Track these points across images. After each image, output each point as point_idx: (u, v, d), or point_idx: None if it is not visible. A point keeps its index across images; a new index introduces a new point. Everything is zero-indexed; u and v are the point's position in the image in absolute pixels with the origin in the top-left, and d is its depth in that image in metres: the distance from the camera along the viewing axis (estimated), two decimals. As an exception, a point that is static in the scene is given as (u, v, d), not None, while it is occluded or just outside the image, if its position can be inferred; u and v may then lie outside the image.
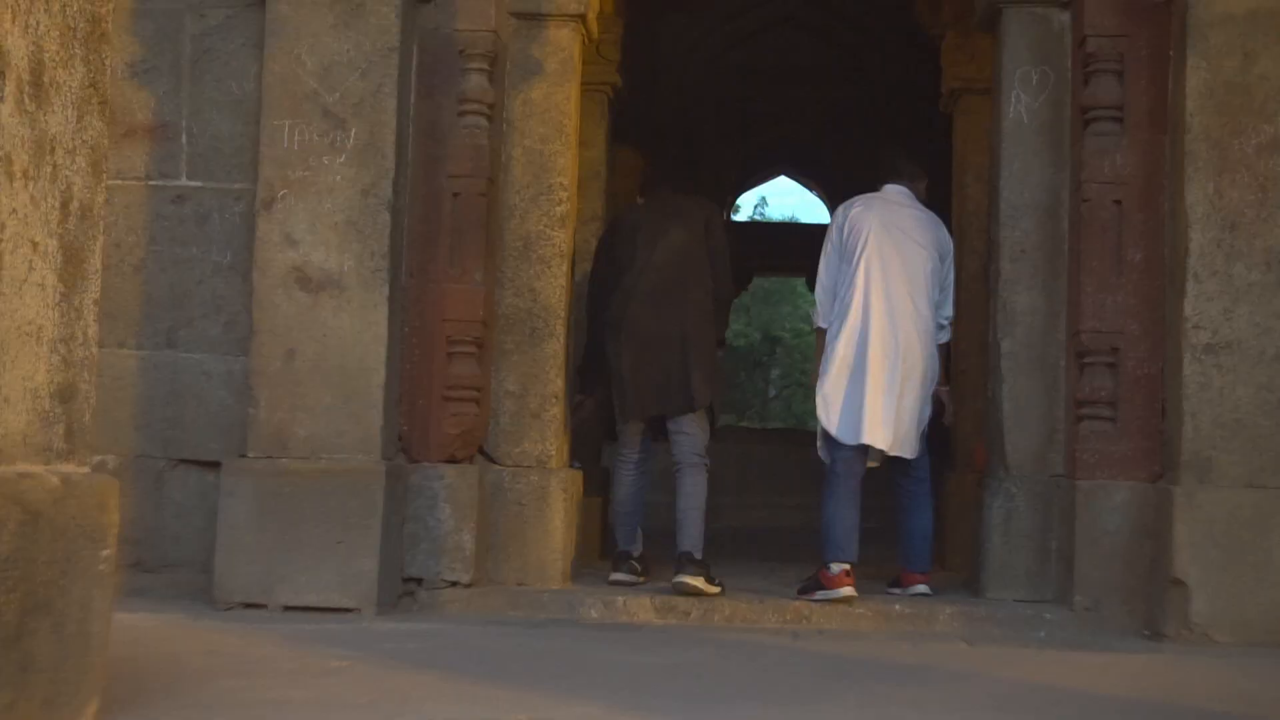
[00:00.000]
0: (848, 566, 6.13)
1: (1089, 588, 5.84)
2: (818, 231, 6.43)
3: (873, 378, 6.25)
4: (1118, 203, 5.95)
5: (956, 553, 7.34)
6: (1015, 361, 6.21)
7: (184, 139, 6.19)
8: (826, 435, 6.41)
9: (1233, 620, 5.45)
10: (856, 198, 6.68)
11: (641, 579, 6.46)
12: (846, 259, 6.45)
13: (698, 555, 6.28)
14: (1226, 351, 5.60)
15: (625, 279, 6.56)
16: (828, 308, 6.52)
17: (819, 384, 6.41)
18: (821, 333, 6.59)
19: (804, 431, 14.69)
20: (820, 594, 6.10)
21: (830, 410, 6.33)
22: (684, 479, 6.46)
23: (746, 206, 33.38)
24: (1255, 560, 5.47)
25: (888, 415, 6.26)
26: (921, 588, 6.33)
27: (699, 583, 6.11)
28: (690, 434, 6.48)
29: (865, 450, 6.34)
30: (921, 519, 6.54)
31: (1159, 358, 5.87)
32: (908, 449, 6.36)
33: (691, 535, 6.35)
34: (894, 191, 6.63)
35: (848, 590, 6.06)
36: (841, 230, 6.54)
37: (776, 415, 33.40)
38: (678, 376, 6.41)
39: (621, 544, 6.59)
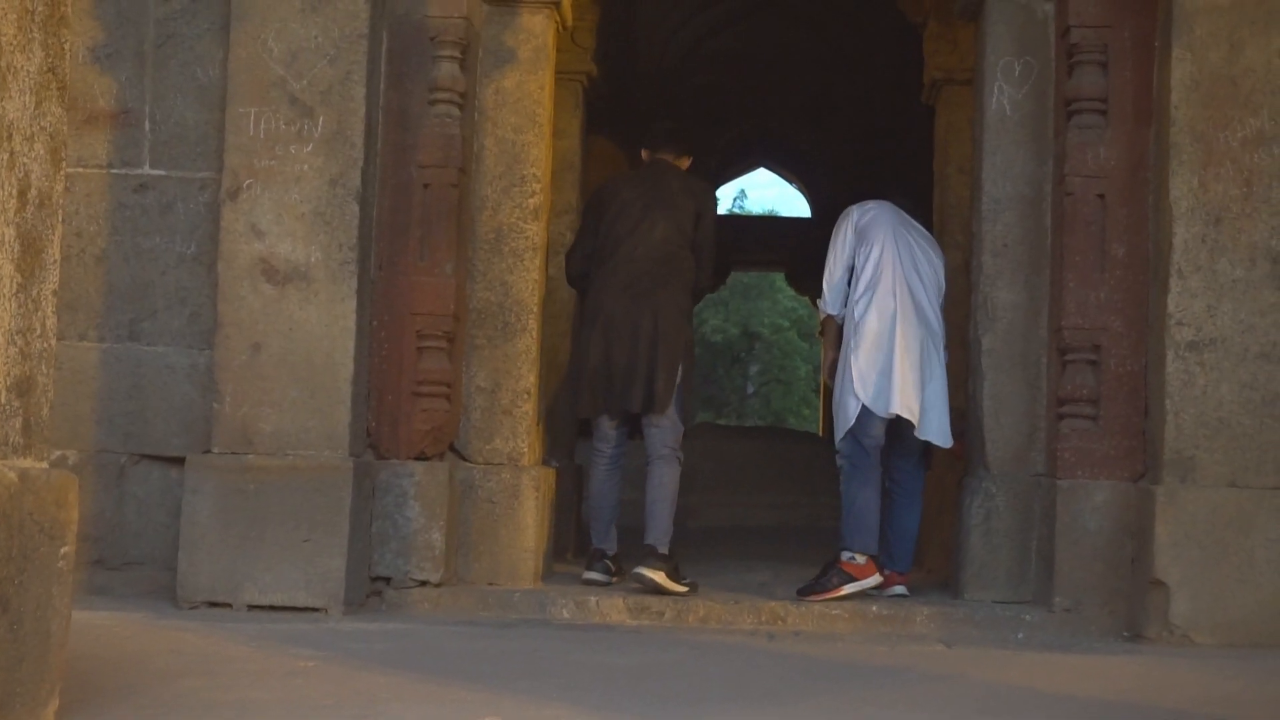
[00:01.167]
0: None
1: (1069, 588, 5.86)
2: (798, 225, 6.49)
3: (902, 352, 6.29)
4: (1101, 196, 5.97)
5: (935, 553, 7.36)
6: (996, 358, 6.23)
7: (147, 126, 6.17)
8: (853, 420, 6.39)
9: (1214, 622, 5.49)
10: (868, 202, 6.67)
11: (615, 578, 6.45)
12: (865, 249, 6.45)
13: (661, 549, 6.28)
14: (1210, 349, 5.63)
15: (604, 268, 6.57)
16: (839, 296, 6.56)
17: (852, 359, 6.38)
18: (830, 320, 6.66)
19: (782, 429, 14.71)
20: (851, 586, 6.14)
21: (866, 382, 6.32)
22: (654, 471, 6.50)
23: (725, 199, 33.46)
24: (1237, 561, 5.51)
25: (915, 390, 6.29)
26: (900, 589, 6.35)
27: (658, 576, 6.13)
28: (661, 427, 6.49)
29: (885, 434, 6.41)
30: (910, 519, 6.55)
31: (1142, 355, 5.90)
32: (933, 433, 6.41)
33: (657, 528, 6.37)
34: (895, 208, 6.67)
35: (879, 578, 6.20)
36: (856, 225, 6.53)
37: (755, 412, 33.48)
38: (644, 375, 6.41)
39: (595, 541, 6.58)
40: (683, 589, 6.17)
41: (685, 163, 6.94)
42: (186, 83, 6.17)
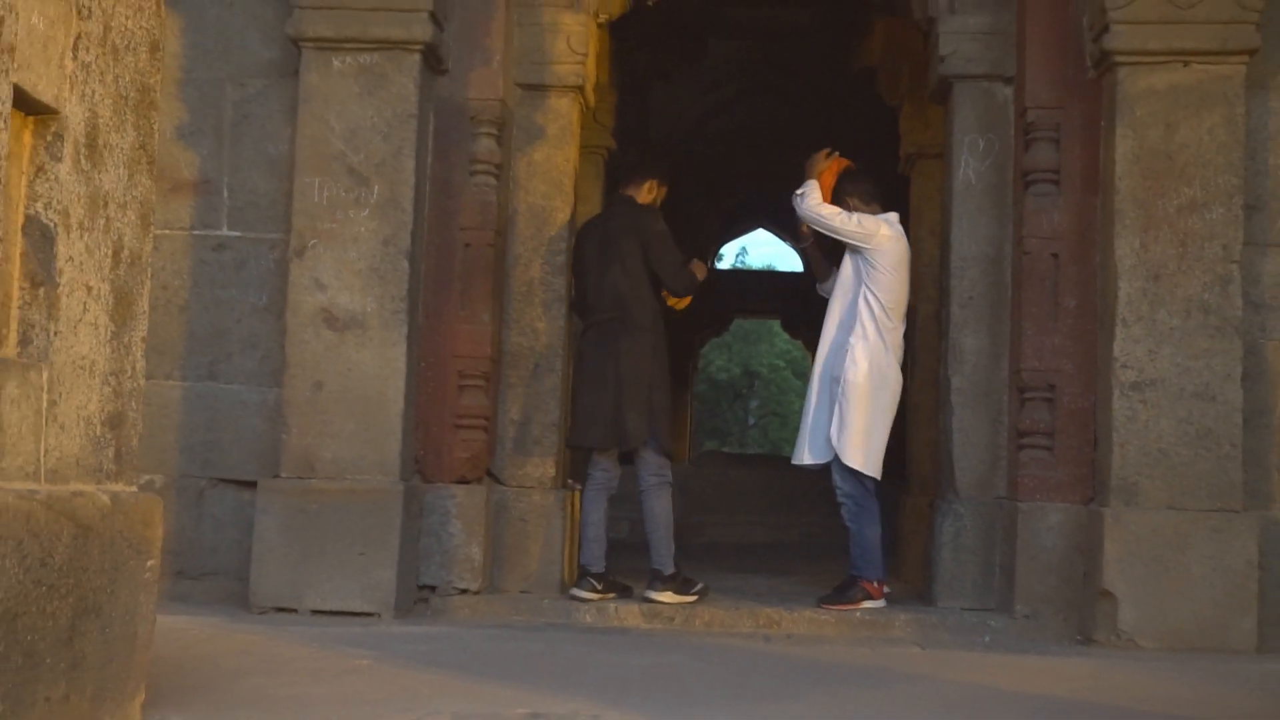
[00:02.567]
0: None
1: (1028, 598, 5.84)
2: (792, 279, 6.53)
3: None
4: (1055, 255, 5.97)
5: (911, 567, 7.33)
6: (963, 396, 6.21)
7: (225, 194, 6.21)
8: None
9: (1156, 628, 5.46)
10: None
11: (599, 596, 6.17)
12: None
13: (665, 571, 6.19)
14: (1151, 388, 5.61)
15: (582, 315, 6.52)
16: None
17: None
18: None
19: (779, 458, 14.70)
20: (869, 603, 6.11)
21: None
22: (645, 502, 6.29)
23: (729, 255, 33.48)
24: (1176, 575, 5.48)
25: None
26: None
27: (664, 596, 6.10)
28: (644, 459, 6.30)
29: None
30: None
31: (1091, 394, 5.88)
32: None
33: (658, 553, 6.23)
34: None
35: (885, 601, 6.21)
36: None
37: (755, 442, 33.40)
38: (611, 417, 6.20)
39: (582, 560, 6.36)
40: (690, 598, 6.12)
41: (647, 186, 6.53)
42: (259, 156, 6.21)
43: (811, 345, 6.93)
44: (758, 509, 11.92)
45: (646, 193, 6.51)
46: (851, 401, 6.17)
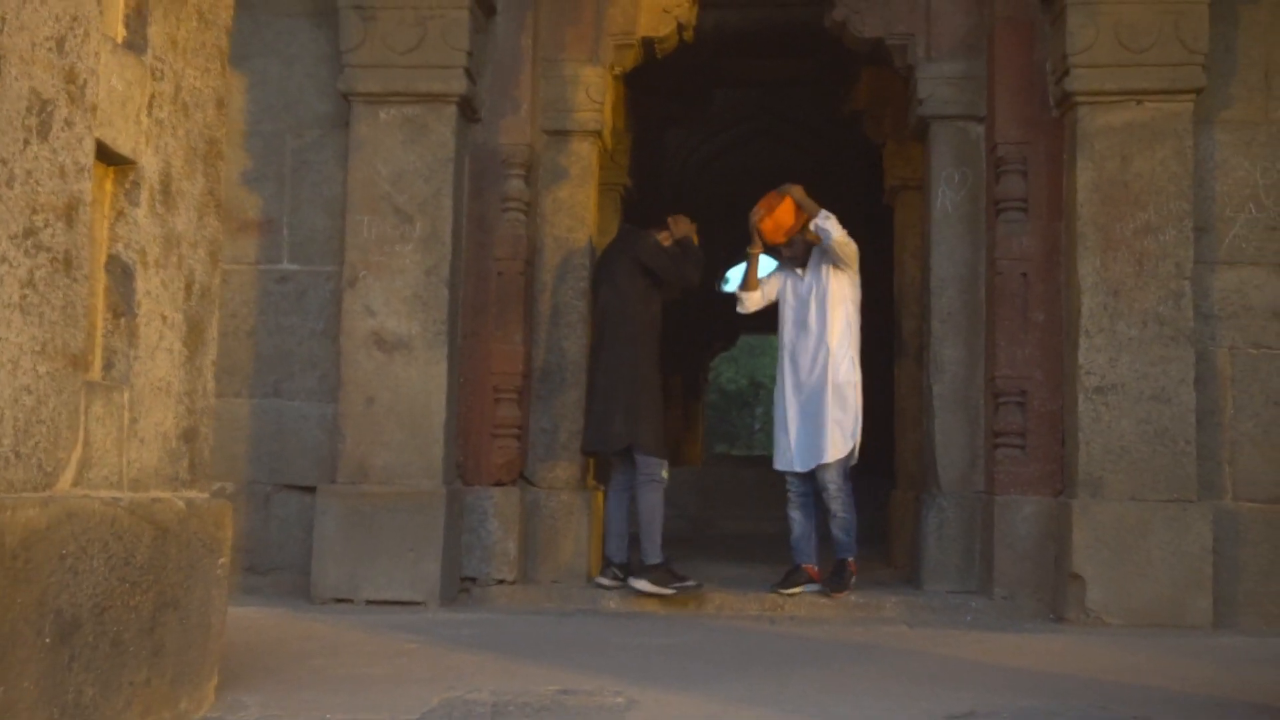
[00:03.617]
0: None
1: (1005, 582, 5.81)
2: None
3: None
4: (1024, 275, 5.96)
5: (900, 554, 7.31)
6: (944, 402, 6.20)
7: (285, 232, 6.23)
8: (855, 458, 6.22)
9: (1121, 607, 5.43)
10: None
11: (621, 583, 6.07)
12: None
13: (648, 560, 5.95)
14: (1113, 392, 5.59)
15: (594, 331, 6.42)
16: None
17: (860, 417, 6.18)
18: None
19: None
20: (852, 581, 6.05)
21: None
22: (638, 498, 6.10)
23: (735, 279, 33.46)
24: (1137, 559, 5.45)
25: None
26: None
27: (641, 584, 5.88)
28: (637, 460, 6.08)
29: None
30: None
31: (1059, 398, 5.86)
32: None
33: (644, 546, 6.00)
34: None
35: None
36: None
37: (761, 445, 33.32)
38: (601, 421, 6.07)
39: (606, 552, 6.26)
40: (668, 591, 5.87)
41: (661, 236, 6.31)
42: (315, 198, 6.23)
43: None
44: (763, 505, 11.89)
45: (662, 240, 6.29)
46: (851, 404, 6.09)
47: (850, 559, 6.09)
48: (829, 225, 6.11)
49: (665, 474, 6.07)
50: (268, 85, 6.29)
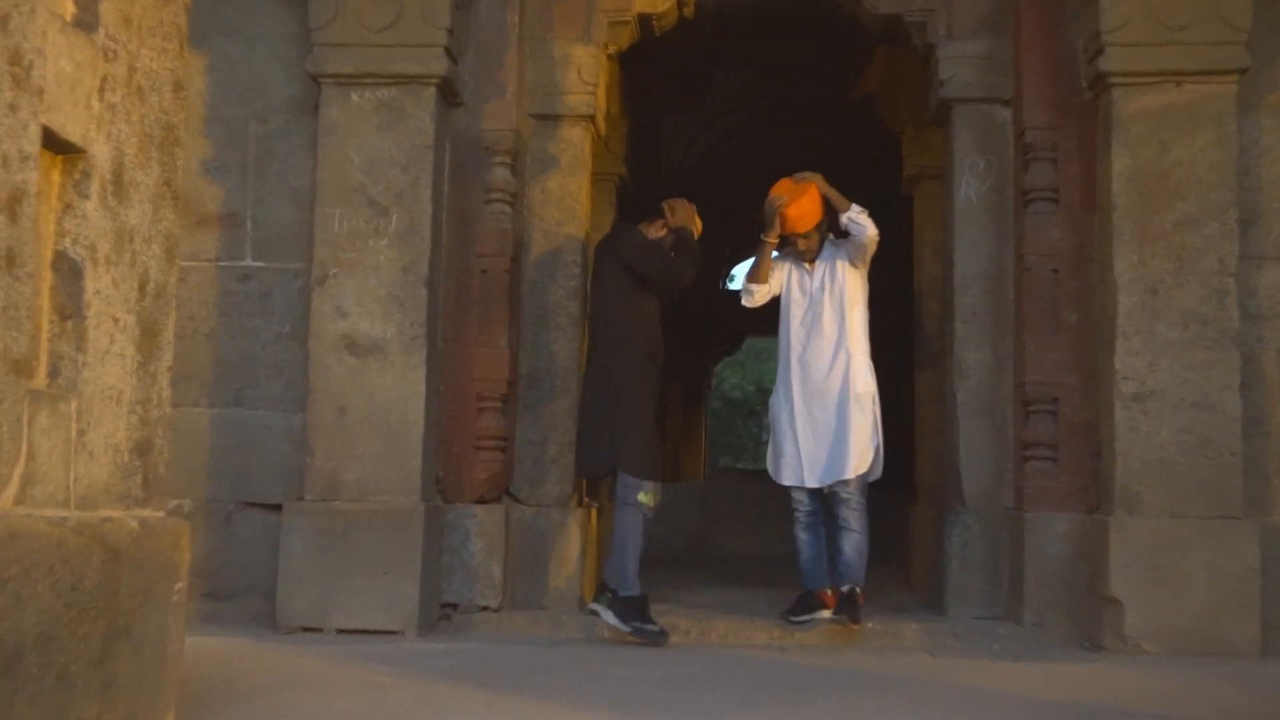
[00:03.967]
0: None
1: (1036, 605, 5.81)
2: None
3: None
4: (1054, 271, 5.96)
5: (920, 576, 7.30)
6: (968, 410, 6.19)
7: (249, 225, 6.22)
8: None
9: (1160, 632, 5.42)
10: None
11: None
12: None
13: (618, 590, 5.81)
14: (1151, 399, 5.59)
15: None
16: None
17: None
18: None
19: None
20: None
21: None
22: (615, 519, 6.04)
23: (740, 277, 33.45)
24: (1178, 580, 5.44)
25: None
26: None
27: (604, 613, 5.76)
28: (620, 480, 5.96)
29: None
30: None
31: (1093, 406, 5.86)
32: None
33: (618, 574, 5.82)
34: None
35: None
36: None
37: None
38: (595, 439, 5.98)
39: (604, 576, 6.08)
40: (625, 629, 5.70)
41: (656, 225, 6.18)
42: (281, 189, 6.22)
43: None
44: (771, 522, 11.86)
45: (656, 230, 6.18)
46: (870, 414, 6.02)
47: (859, 586, 6.00)
48: (864, 220, 6.03)
49: (647, 497, 5.83)
50: (230, 66, 6.29)
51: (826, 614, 5.94)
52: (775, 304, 6.42)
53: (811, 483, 6.07)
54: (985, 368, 6.19)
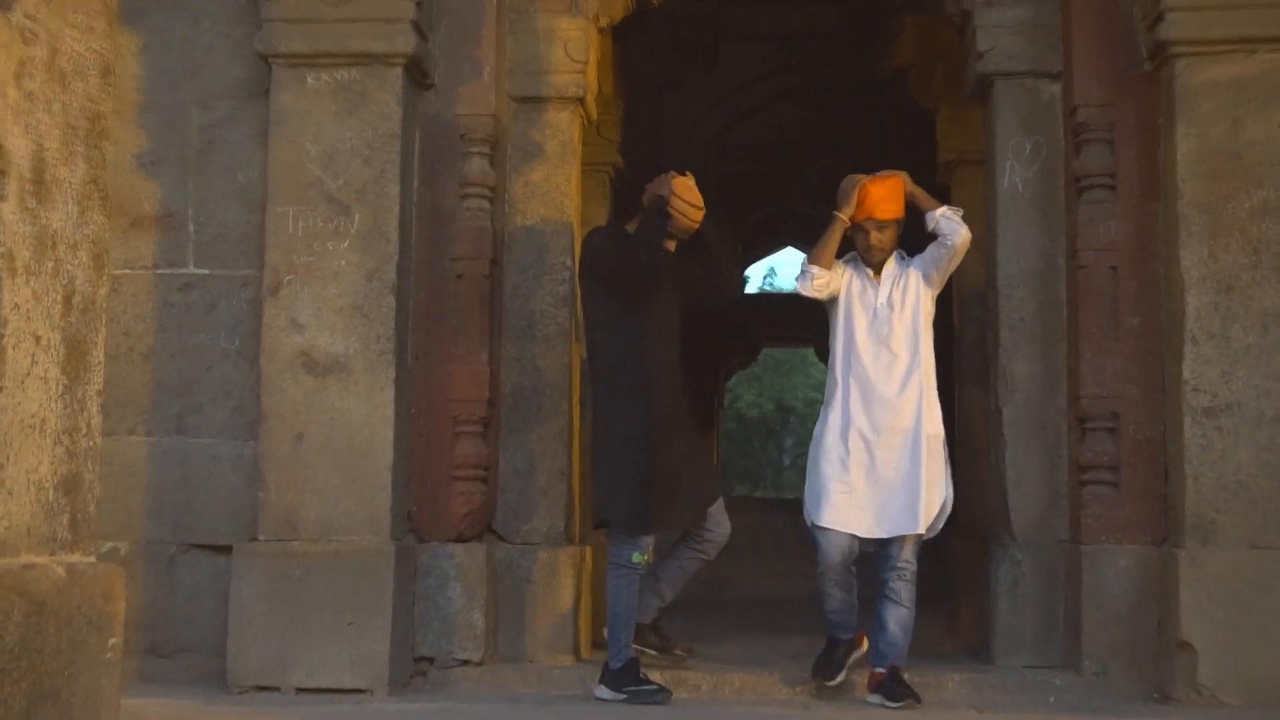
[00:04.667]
0: None
1: (1096, 652, 5.80)
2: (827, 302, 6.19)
3: None
4: (1113, 269, 5.96)
5: (964, 620, 7.30)
6: (1016, 428, 6.19)
7: (191, 227, 6.24)
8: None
9: (1241, 681, 5.42)
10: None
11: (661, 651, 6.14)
12: None
13: (611, 664, 5.79)
14: (1226, 414, 5.59)
15: None
16: None
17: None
18: None
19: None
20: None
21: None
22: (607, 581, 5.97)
23: (755, 278, 33.54)
24: (1261, 621, 5.44)
25: None
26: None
27: (601, 690, 5.74)
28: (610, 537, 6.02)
29: None
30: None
31: (1159, 421, 5.86)
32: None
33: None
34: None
35: None
36: None
37: (790, 485, 33.30)
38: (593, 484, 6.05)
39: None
40: (621, 696, 5.69)
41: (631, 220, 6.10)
42: (228, 185, 6.24)
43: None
44: (793, 560, 11.85)
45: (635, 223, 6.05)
46: (942, 461, 5.80)
47: (902, 668, 5.80)
48: (958, 223, 5.85)
49: (641, 556, 5.80)
50: (168, 47, 6.31)
51: (859, 653, 5.88)
52: (801, 316, 6.36)
53: (868, 532, 5.77)
54: (1035, 380, 6.19)
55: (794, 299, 6.46)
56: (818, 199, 14.17)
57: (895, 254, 5.99)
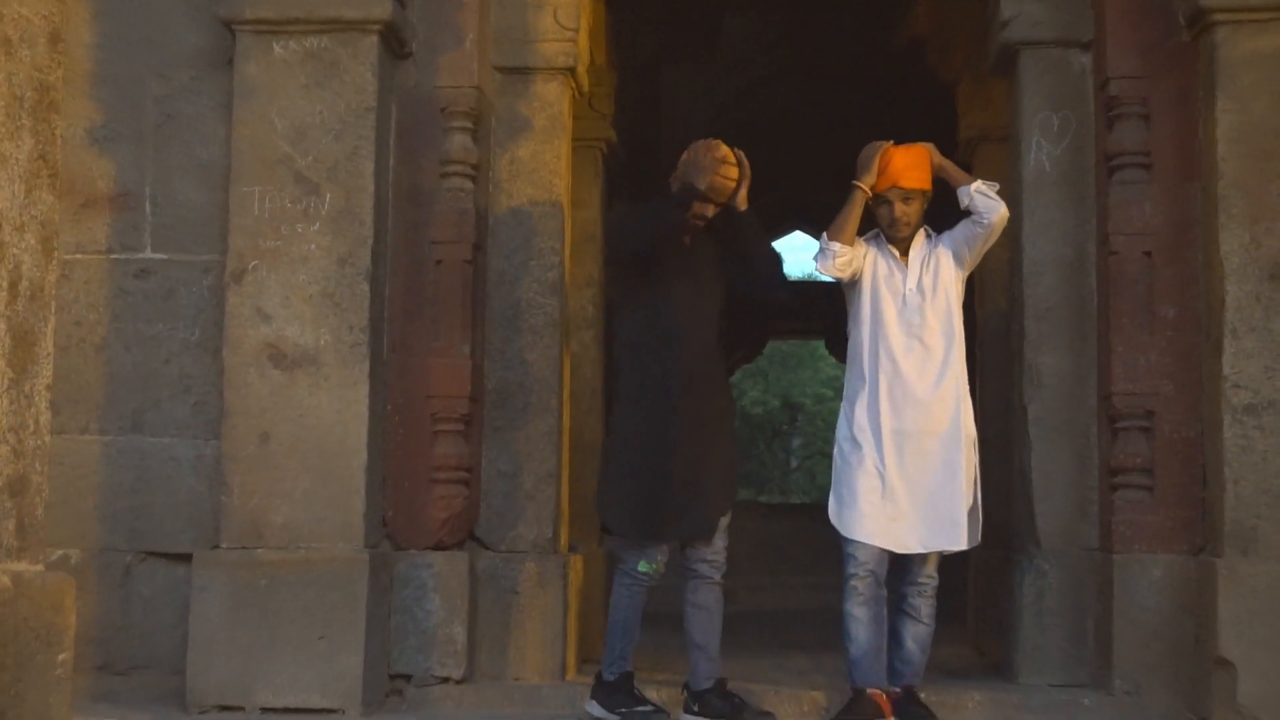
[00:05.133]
0: None
1: (1128, 670, 5.81)
2: (836, 289, 6.12)
3: None
4: (1147, 255, 5.97)
5: (985, 634, 7.31)
6: (1043, 427, 6.20)
7: (148, 208, 6.23)
8: None
9: (1283, 702, 5.43)
10: None
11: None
12: None
13: (603, 674, 5.82)
14: (1269, 412, 5.59)
15: None
16: None
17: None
18: None
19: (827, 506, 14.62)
20: None
21: None
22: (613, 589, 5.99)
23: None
24: (1305, 637, 5.45)
25: None
26: None
27: (592, 707, 5.75)
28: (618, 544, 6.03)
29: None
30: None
31: (1196, 421, 5.87)
32: None
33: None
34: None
35: None
36: None
37: (799, 488, 33.31)
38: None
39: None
40: (614, 717, 5.68)
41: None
42: (188, 163, 6.23)
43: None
44: (801, 569, 11.89)
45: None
46: (975, 463, 5.73)
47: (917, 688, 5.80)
48: (995, 199, 5.74)
49: (648, 566, 5.76)
50: (123, 12, 6.30)
51: None
52: (810, 307, 6.39)
53: (906, 548, 5.66)
54: (1062, 375, 6.20)
55: (802, 288, 6.47)
56: (826, 179, 14.25)
57: (923, 230, 5.89)
